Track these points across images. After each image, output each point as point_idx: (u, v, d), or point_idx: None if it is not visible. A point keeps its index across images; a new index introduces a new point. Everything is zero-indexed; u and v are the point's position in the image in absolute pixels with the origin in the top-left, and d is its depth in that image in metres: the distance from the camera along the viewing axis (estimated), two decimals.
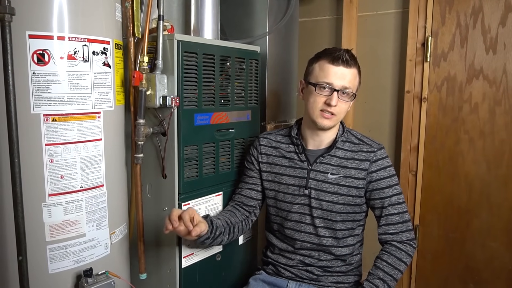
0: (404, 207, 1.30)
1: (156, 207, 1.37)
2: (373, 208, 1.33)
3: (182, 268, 1.35)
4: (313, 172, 1.33)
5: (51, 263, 1.08)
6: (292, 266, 1.38)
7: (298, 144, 1.36)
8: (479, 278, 1.85)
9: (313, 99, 1.27)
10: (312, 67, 1.31)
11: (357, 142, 1.33)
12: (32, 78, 1.00)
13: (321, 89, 1.25)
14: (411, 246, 1.27)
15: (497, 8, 1.72)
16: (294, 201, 1.35)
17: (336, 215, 1.31)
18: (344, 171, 1.30)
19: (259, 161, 1.42)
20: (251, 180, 1.44)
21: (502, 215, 1.78)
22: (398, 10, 1.93)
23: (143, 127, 1.24)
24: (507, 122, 1.74)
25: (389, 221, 1.28)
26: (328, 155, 1.32)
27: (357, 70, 1.29)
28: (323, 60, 1.27)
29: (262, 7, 1.70)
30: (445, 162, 1.87)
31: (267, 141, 1.43)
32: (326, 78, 1.24)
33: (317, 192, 1.32)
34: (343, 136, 1.33)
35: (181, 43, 1.26)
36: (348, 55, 1.25)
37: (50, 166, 1.05)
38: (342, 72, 1.24)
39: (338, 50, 1.26)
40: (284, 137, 1.42)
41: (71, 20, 1.04)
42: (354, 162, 1.30)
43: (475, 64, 1.78)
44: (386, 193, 1.29)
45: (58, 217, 1.07)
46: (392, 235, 1.28)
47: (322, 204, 1.31)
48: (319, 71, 1.27)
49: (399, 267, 1.24)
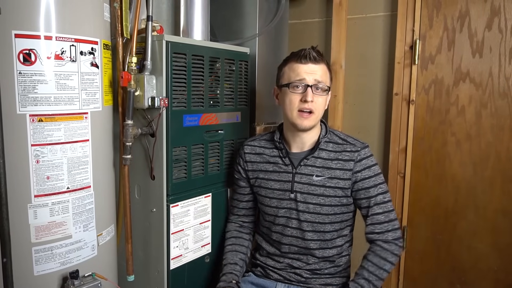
0: (390, 206, 1.30)
1: (144, 209, 1.36)
2: (360, 207, 1.33)
3: (170, 270, 1.34)
4: (298, 175, 1.33)
5: (37, 265, 1.06)
6: (280, 269, 1.38)
7: (282, 148, 1.36)
8: (466, 279, 1.87)
9: (288, 100, 1.28)
10: (282, 71, 1.33)
11: (341, 142, 1.33)
12: (18, 78, 0.99)
13: (295, 88, 1.27)
14: (396, 245, 1.28)
15: (483, 13, 1.74)
16: (280, 205, 1.35)
17: (324, 217, 1.31)
18: (329, 172, 1.30)
19: (246, 169, 1.43)
20: (245, 190, 1.45)
21: (488, 217, 1.80)
22: (387, 13, 1.94)
23: (131, 128, 1.23)
24: (493, 125, 1.77)
25: (375, 221, 1.29)
26: (312, 157, 1.32)
27: (326, 65, 1.31)
28: (291, 61, 1.29)
29: (252, 8, 1.70)
30: (432, 164, 1.89)
31: (251, 148, 1.43)
32: (298, 76, 1.26)
33: (303, 195, 1.32)
34: (326, 137, 1.33)
35: (170, 44, 1.25)
36: (315, 52, 1.27)
37: (36, 166, 1.04)
38: (311, 68, 1.26)
39: (304, 49, 1.28)
40: (267, 142, 1.42)
41: (58, 19, 1.03)
42: (338, 162, 1.30)
43: (462, 67, 1.80)
44: (371, 192, 1.29)
45: (44, 219, 1.06)
46: (378, 234, 1.29)
47: (309, 207, 1.31)
48: (290, 72, 1.29)
49: (384, 267, 1.24)
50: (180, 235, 1.37)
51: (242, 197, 1.46)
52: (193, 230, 1.42)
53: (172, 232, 1.34)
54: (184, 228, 1.38)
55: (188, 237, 1.40)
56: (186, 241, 1.39)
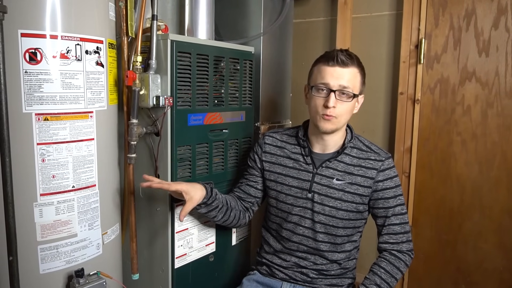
0: (406, 218, 1.30)
1: (149, 208, 1.37)
2: (376, 216, 1.32)
3: (174, 268, 1.35)
4: (318, 176, 1.31)
5: (42, 264, 1.07)
6: (286, 268, 1.37)
7: (305, 146, 1.34)
8: (471, 280, 1.86)
9: (313, 103, 1.26)
10: (312, 71, 1.30)
11: (365, 149, 1.31)
12: (24, 77, 0.99)
13: (319, 91, 1.24)
14: (409, 256, 1.28)
15: (490, 11, 1.73)
16: (295, 203, 1.34)
17: (338, 221, 1.30)
18: (350, 178, 1.29)
19: (262, 159, 1.41)
20: (252, 177, 1.43)
21: (493, 217, 1.79)
22: (392, 12, 1.93)
23: (136, 127, 1.23)
24: (499, 125, 1.75)
25: (391, 231, 1.28)
26: (335, 160, 1.30)
27: (357, 68, 1.24)
28: (320, 63, 1.25)
29: (257, 8, 1.70)
30: (437, 164, 1.88)
31: (273, 139, 1.41)
32: (322, 79, 1.23)
33: (321, 196, 1.30)
34: (351, 142, 1.31)
35: (175, 43, 1.26)
36: (343, 55, 1.22)
37: (42, 165, 1.04)
38: (338, 72, 1.21)
39: (334, 51, 1.24)
40: (290, 137, 1.40)
41: (64, 19, 1.03)
42: (361, 169, 1.29)
43: (468, 67, 1.79)
44: (390, 203, 1.28)
45: (50, 217, 1.06)
46: (392, 245, 1.28)
47: (325, 209, 1.30)
48: (317, 73, 1.25)
49: (396, 276, 1.24)
50: (185, 234, 1.37)
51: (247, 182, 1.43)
52: (198, 229, 1.42)
53: (177, 231, 1.34)
54: (188, 227, 1.38)
55: (193, 236, 1.40)
56: (190, 240, 1.39)
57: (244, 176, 1.46)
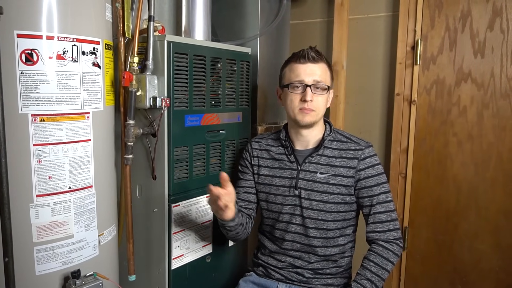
0: (392, 206, 1.31)
1: (145, 209, 1.37)
2: (362, 206, 1.33)
3: (171, 269, 1.34)
4: (302, 172, 1.34)
5: (38, 265, 1.07)
6: (282, 268, 1.38)
7: (287, 146, 1.37)
8: (467, 280, 1.86)
9: (289, 100, 1.31)
10: (283, 72, 1.36)
11: (345, 140, 1.35)
12: (20, 78, 0.99)
13: (295, 88, 1.30)
14: (397, 245, 1.28)
15: (485, 13, 1.74)
16: (284, 202, 1.36)
17: (327, 214, 1.32)
18: (333, 170, 1.31)
19: (252, 164, 1.44)
20: (247, 183, 1.45)
21: (490, 218, 1.80)
22: (389, 14, 1.94)
23: (133, 128, 1.23)
24: (495, 125, 1.76)
25: (377, 219, 1.29)
26: (317, 155, 1.33)
27: (326, 64, 1.33)
28: (291, 62, 1.33)
29: (254, 9, 1.70)
30: (434, 164, 1.89)
31: (259, 144, 1.45)
32: (297, 77, 1.29)
33: (307, 192, 1.33)
34: (330, 135, 1.35)
35: (171, 44, 1.26)
36: (313, 52, 1.30)
37: (38, 166, 1.04)
38: (310, 68, 1.29)
39: (303, 50, 1.31)
40: (274, 141, 1.44)
41: (60, 19, 1.03)
42: (342, 160, 1.31)
43: (463, 68, 1.80)
44: (374, 191, 1.30)
45: (46, 218, 1.06)
46: (379, 233, 1.29)
47: (313, 204, 1.32)
48: (289, 72, 1.32)
49: (386, 267, 1.24)
50: (182, 235, 1.37)
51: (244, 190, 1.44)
52: (194, 230, 1.42)
53: (174, 232, 1.34)
54: (185, 228, 1.38)
55: (189, 237, 1.40)
56: (187, 241, 1.39)
57: (240, 185, 1.46)
